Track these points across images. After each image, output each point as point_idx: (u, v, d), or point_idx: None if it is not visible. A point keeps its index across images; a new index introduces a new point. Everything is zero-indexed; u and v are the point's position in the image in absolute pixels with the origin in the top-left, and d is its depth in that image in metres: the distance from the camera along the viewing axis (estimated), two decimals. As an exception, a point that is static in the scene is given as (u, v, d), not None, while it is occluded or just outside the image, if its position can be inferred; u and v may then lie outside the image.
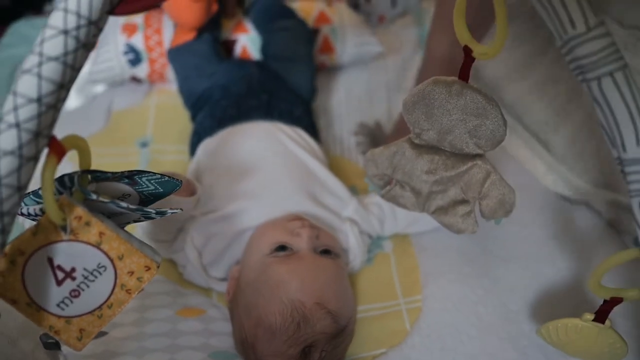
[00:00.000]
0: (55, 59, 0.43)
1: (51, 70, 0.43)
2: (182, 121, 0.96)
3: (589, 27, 0.43)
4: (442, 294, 0.76)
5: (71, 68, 0.45)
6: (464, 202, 0.61)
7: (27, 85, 0.43)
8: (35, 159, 0.45)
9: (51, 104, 0.44)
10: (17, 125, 0.43)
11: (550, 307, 0.75)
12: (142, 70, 1.01)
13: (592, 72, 0.44)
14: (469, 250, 0.81)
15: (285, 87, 0.92)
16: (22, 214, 0.57)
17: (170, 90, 1.02)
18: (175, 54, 0.96)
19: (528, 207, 0.85)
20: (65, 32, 0.44)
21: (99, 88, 1.04)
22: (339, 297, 0.68)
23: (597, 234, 0.83)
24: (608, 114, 0.45)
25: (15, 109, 0.43)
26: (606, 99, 0.44)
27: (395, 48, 1.11)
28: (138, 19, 1.00)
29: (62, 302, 0.51)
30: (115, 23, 1.01)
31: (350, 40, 1.05)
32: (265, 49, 0.98)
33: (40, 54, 0.43)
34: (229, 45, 1.02)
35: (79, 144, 0.49)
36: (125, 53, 0.99)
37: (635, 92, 0.44)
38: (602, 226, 0.85)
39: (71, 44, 0.44)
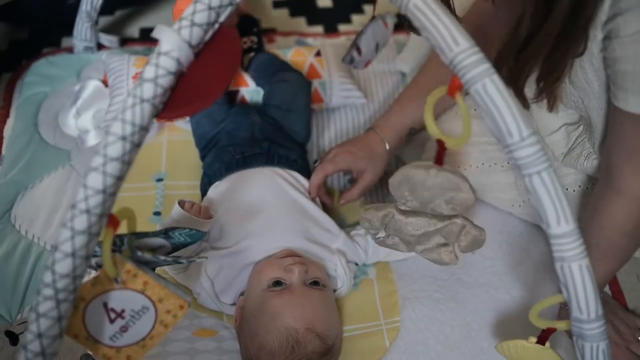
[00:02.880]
0: (116, 159, 0.56)
1: (113, 168, 0.56)
2: (191, 157, 1.08)
3: (522, 137, 0.57)
4: (416, 316, 0.91)
5: (127, 164, 0.57)
6: (445, 244, 0.75)
7: (94, 180, 0.55)
8: (99, 233, 0.58)
9: (112, 193, 0.57)
10: (88, 211, 0.55)
11: (505, 327, 0.90)
12: (151, 114, 1.13)
13: (525, 170, 0.57)
14: (440, 277, 0.95)
15: (284, 134, 1.05)
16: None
17: (178, 126, 1.14)
18: None
19: (492, 242, 0.99)
20: (124, 138, 0.56)
21: (116, 125, 1.15)
22: (326, 321, 0.82)
23: (547, 269, 0.97)
24: (537, 201, 0.58)
25: (86, 198, 0.55)
26: (536, 191, 0.57)
27: (377, 90, 1.25)
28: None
29: (114, 335, 0.64)
30: (127, 73, 1.12)
31: (336, 94, 1.18)
32: (267, 98, 1.10)
33: (105, 156, 0.56)
34: (231, 95, 1.14)
35: (128, 215, 0.62)
36: (138, 101, 1.11)
37: (557, 186, 0.57)
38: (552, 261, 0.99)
39: (128, 146, 0.57)
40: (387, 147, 1.00)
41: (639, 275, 1.00)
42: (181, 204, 0.87)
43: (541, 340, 0.71)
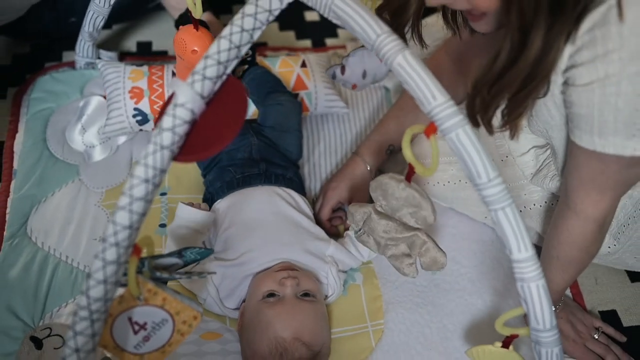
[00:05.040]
0: (141, 199, 0.64)
1: (138, 206, 0.64)
2: (193, 172, 1.16)
3: (489, 178, 0.66)
4: (398, 319, 1.01)
5: (149, 202, 0.66)
6: (409, 255, 0.86)
7: (122, 218, 0.64)
8: (126, 262, 0.67)
9: (137, 227, 0.66)
10: (117, 244, 0.64)
11: (477, 329, 1.01)
12: (148, 127, 1.18)
13: (491, 206, 0.66)
14: (420, 283, 1.06)
15: (279, 153, 1.13)
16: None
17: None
18: None
19: (468, 251, 1.10)
20: (147, 180, 0.64)
21: (120, 139, 1.20)
22: (312, 330, 0.91)
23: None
24: (502, 232, 0.68)
25: (115, 233, 0.64)
26: (500, 223, 0.67)
27: (363, 105, 1.34)
28: (143, 85, 1.17)
29: (138, 344, 0.72)
30: (123, 87, 1.17)
31: (321, 103, 1.27)
32: (262, 119, 1.18)
33: (131, 196, 0.64)
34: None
35: (148, 242, 0.71)
36: (134, 116, 1.16)
37: (518, 219, 0.67)
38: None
39: (150, 187, 0.65)
40: (368, 168, 1.13)
41: (597, 278, 1.12)
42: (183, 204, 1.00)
43: (505, 345, 0.82)
